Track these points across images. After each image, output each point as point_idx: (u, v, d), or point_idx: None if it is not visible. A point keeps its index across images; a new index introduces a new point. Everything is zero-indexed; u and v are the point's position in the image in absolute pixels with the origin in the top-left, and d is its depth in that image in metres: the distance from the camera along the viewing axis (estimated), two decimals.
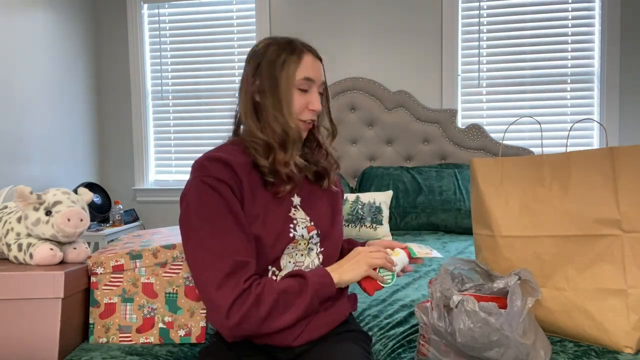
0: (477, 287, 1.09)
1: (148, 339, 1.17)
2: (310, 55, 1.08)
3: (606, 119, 2.90)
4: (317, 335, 1.04)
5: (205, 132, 3.40)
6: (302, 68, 1.06)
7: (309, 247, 1.09)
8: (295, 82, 1.06)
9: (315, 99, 1.08)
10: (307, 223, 1.08)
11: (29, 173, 2.82)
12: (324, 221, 1.13)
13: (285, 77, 1.05)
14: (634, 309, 1.04)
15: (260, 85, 1.06)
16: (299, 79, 1.06)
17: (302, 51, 1.08)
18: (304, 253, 1.09)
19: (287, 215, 1.06)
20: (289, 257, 1.06)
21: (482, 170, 1.23)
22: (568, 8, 2.95)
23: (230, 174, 0.99)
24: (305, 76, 1.06)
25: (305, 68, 1.06)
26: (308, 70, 1.07)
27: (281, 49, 1.07)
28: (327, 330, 1.07)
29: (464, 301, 0.93)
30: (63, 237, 1.14)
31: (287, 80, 1.05)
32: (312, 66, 1.08)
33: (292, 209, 1.08)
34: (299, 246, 1.07)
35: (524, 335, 0.92)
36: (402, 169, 2.86)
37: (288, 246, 1.05)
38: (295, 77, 1.05)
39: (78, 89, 3.27)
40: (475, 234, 1.27)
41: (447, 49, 3.05)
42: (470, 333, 0.91)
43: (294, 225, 1.06)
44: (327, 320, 1.07)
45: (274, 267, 1.04)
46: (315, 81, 1.08)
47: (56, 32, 3.05)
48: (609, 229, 1.07)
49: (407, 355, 1.13)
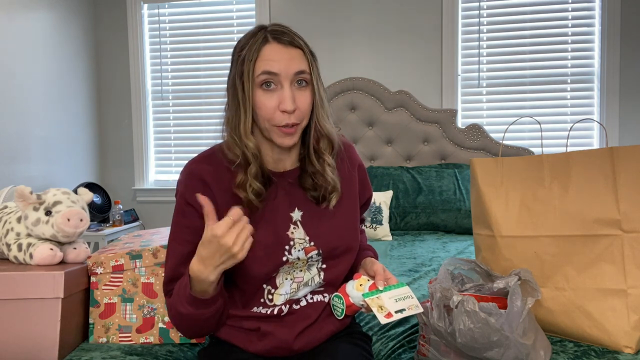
0: (477, 287, 1.09)
1: (148, 339, 1.17)
2: (275, 43, 0.88)
3: (606, 119, 2.90)
4: (316, 343, 1.01)
5: (205, 132, 3.40)
6: (262, 61, 0.87)
7: (309, 264, 1.00)
8: (256, 80, 0.88)
9: (285, 97, 0.87)
10: (305, 244, 0.97)
11: (29, 173, 2.81)
12: (329, 239, 0.99)
13: (244, 77, 0.88)
14: (634, 309, 1.04)
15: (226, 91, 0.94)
16: (257, 74, 0.87)
17: (265, 40, 0.88)
18: (303, 269, 1.00)
19: (283, 234, 0.96)
20: (286, 274, 0.98)
21: (482, 170, 1.23)
22: (568, 8, 2.95)
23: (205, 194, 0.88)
24: (265, 69, 0.87)
25: (266, 60, 0.87)
26: (269, 63, 0.87)
27: (244, 43, 0.90)
28: (327, 337, 1.03)
29: (464, 301, 0.93)
30: (63, 237, 1.14)
31: (245, 81, 0.88)
32: (277, 56, 0.87)
33: (292, 226, 0.97)
34: (297, 264, 0.98)
35: (524, 336, 0.92)
36: (402, 169, 2.86)
37: (282, 267, 0.97)
38: (254, 73, 0.87)
39: (78, 89, 3.27)
40: (475, 234, 1.27)
41: (447, 49, 3.05)
42: (470, 333, 0.91)
43: (289, 248, 0.96)
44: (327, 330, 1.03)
45: (269, 285, 0.98)
46: (280, 74, 0.87)
47: (56, 32, 3.05)
48: (609, 229, 1.07)
49: (407, 355, 1.13)
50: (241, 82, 0.89)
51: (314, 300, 1.02)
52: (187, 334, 1.00)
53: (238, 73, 0.89)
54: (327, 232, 1.00)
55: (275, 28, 0.91)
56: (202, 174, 0.95)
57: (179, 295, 0.92)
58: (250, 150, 0.91)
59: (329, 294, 1.03)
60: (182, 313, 0.92)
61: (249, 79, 0.88)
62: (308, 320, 1.00)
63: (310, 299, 1.02)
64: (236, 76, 0.90)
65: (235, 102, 0.91)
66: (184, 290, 0.90)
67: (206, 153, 1.00)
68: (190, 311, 0.91)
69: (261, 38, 0.89)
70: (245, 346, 1.00)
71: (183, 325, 0.97)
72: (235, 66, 0.92)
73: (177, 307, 0.93)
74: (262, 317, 0.99)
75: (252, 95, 0.88)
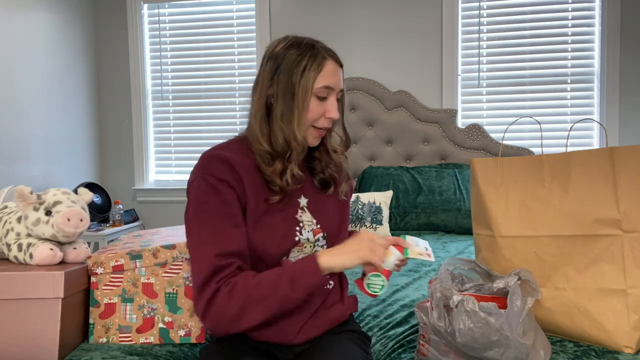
0: (477, 287, 1.09)
1: (148, 339, 1.17)
2: (332, 61, 1.05)
3: (606, 119, 2.90)
4: (316, 334, 1.05)
5: (205, 132, 3.40)
6: (323, 76, 1.02)
7: (315, 250, 1.08)
8: (315, 90, 1.02)
9: (333, 107, 1.05)
10: (313, 226, 1.08)
11: (29, 173, 2.82)
12: (330, 224, 1.11)
13: (303, 85, 1.01)
14: (634, 309, 1.04)
15: (276, 90, 1.03)
16: (318, 87, 1.02)
17: (324, 57, 1.04)
18: (310, 252, 1.07)
19: (293, 217, 1.06)
20: (294, 260, 1.04)
21: (482, 170, 1.23)
22: (568, 8, 2.95)
23: (233, 174, 0.98)
24: (325, 84, 1.03)
25: (326, 76, 1.03)
26: (329, 78, 1.03)
27: (302, 53, 1.03)
28: (326, 328, 1.07)
29: (464, 301, 0.93)
30: (63, 237, 1.14)
31: (305, 88, 1.01)
32: (334, 73, 1.04)
33: (299, 210, 1.07)
34: (305, 249, 1.06)
35: (524, 336, 0.92)
36: (402, 169, 2.86)
37: (293, 249, 1.04)
38: (314, 85, 1.02)
39: (78, 89, 3.27)
40: (475, 234, 1.27)
41: (447, 49, 3.05)
42: (470, 333, 0.91)
43: (300, 229, 1.05)
44: (327, 320, 1.07)
45: None
46: (335, 89, 1.05)
47: (56, 32, 3.05)
48: (609, 229, 1.07)
49: (407, 355, 1.13)
50: (301, 87, 1.02)
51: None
52: (259, 316, 0.93)
53: (298, 79, 1.01)
54: (331, 216, 1.12)
55: (327, 47, 1.07)
56: (225, 156, 1.00)
57: (293, 285, 0.92)
58: (299, 143, 1.03)
59: (333, 282, 1.11)
60: (291, 297, 0.92)
61: (309, 87, 1.02)
62: (311, 307, 1.05)
63: None
64: (296, 80, 1.02)
65: (291, 102, 1.02)
66: (310, 277, 0.94)
67: (221, 145, 1.06)
68: (303, 296, 0.94)
69: (321, 53, 1.04)
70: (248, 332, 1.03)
71: (264, 307, 0.92)
72: (289, 70, 1.02)
73: (283, 291, 0.92)
74: None
75: (309, 101, 1.03)
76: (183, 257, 1.19)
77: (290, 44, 1.04)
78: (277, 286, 0.92)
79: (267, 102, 1.04)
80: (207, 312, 0.92)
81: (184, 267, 1.19)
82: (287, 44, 1.04)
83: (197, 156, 1.04)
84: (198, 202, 0.97)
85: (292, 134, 1.02)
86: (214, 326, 0.93)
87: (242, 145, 1.06)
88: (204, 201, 0.97)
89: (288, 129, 1.02)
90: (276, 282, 0.93)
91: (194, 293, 0.94)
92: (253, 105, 1.06)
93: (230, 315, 0.91)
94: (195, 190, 0.98)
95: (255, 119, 1.05)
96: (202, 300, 0.92)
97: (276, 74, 1.03)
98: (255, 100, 1.06)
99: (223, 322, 0.92)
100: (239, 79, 3.35)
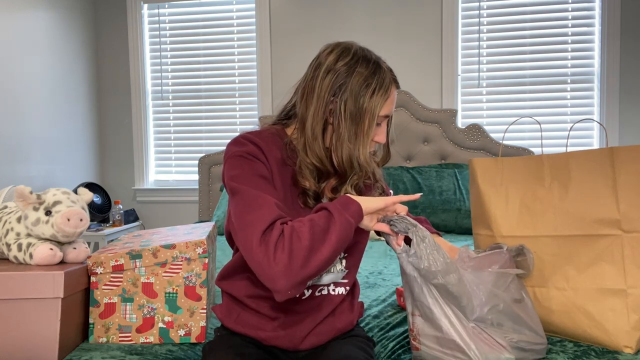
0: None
1: (148, 338, 1.17)
2: (395, 87, 1.04)
3: (606, 119, 2.90)
4: (323, 341, 1.06)
5: (205, 132, 3.40)
6: (388, 104, 1.02)
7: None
8: (378, 116, 1.01)
9: (383, 132, 1.05)
10: None
11: (29, 173, 2.82)
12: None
13: (370, 111, 1.00)
14: (634, 309, 1.04)
15: (340, 108, 0.99)
16: (381, 115, 1.01)
17: (391, 84, 1.03)
18: None
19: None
20: None
21: (482, 170, 1.23)
22: (568, 8, 2.95)
23: (264, 159, 1.00)
24: (387, 114, 1.02)
25: (390, 104, 1.03)
26: (390, 107, 1.03)
27: (369, 77, 1.00)
28: (333, 336, 1.08)
29: (418, 230, 0.97)
30: (63, 237, 1.14)
31: (372, 115, 1.00)
32: (394, 101, 1.04)
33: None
34: None
35: (447, 275, 0.95)
36: (402, 169, 2.86)
37: None
38: (379, 112, 1.01)
39: (78, 89, 3.27)
40: (475, 234, 1.27)
41: (447, 49, 3.05)
42: (429, 257, 0.95)
43: None
44: (334, 328, 1.08)
45: None
46: (390, 115, 1.05)
47: (56, 32, 3.05)
48: (609, 229, 1.07)
49: (407, 356, 1.13)
50: (367, 113, 1.00)
51: (335, 293, 1.08)
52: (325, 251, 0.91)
53: (366, 103, 0.99)
54: None
55: (389, 67, 1.06)
56: (255, 140, 1.01)
57: (345, 216, 0.92)
58: (362, 165, 1.02)
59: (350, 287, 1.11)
60: (349, 221, 0.92)
61: (375, 114, 1.00)
62: (320, 314, 1.06)
63: (333, 291, 1.08)
64: (363, 104, 0.99)
65: (357, 125, 1.00)
66: (354, 206, 0.93)
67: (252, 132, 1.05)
68: (356, 222, 0.95)
69: (388, 77, 1.03)
70: (255, 333, 1.04)
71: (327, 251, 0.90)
72: (357, 93, 1.00)
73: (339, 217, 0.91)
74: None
75: (373, 127, 1.01)
76: (183, 256, 1.19)
77: (355, 60, 1.02)
78: (332, 217, 0.91)
79: (324, 117, 1.01)
80: (277, 252, 0.86)
81: (184, 267, 1.19)
82: (350, 62, 1.01)
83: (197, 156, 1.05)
84: (237, 171, 0.97)
85: (359, 155, 1.01)
86: (285, 268, 0.85)
87: (276, 138, 1.05)
88: (243, 167, 0.97)
89: (356, 150, 1.00)
90: (328, 214, 0.92)
91: (254, 241, 0.88)
92: (309, 117, 1.02)
93: (303, 248, 0.87)
94: (230, 165, 0.98)
95: (312, 132, 1.01)
96: (269, 242, 0.87)
97: (340, 92, 1.00)
98: (311, 113, 1.01)
99: (297, 256, 0.86)
100: (238, 79, 3.35)
